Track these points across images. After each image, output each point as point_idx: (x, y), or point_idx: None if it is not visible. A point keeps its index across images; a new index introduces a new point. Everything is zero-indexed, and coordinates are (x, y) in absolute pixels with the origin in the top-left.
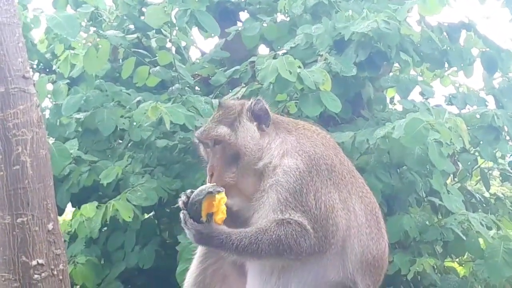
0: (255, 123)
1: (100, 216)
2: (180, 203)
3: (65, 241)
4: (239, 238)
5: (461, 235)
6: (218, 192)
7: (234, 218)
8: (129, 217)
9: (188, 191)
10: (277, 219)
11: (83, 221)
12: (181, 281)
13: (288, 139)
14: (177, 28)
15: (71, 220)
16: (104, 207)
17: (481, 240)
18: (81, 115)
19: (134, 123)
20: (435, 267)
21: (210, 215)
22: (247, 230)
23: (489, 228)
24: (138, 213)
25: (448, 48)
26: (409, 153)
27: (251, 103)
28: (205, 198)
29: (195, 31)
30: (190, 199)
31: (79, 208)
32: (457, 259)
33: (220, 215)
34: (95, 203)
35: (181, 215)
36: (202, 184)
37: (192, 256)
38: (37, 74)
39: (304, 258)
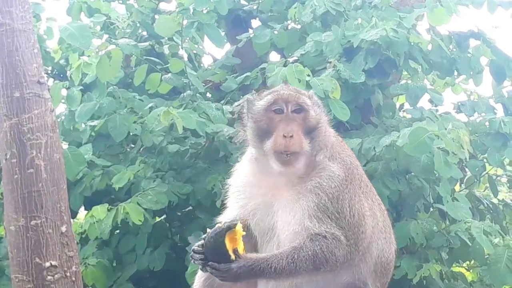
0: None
1: (110, 218)
2: (196, 261)
3: (77, 243)
4: (276, 261)
5: (467, 241)
6: (235, 225)
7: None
8: (139, 220)
9: (195, 247)
10: (311, 233)
11: (94, 223)
12: (191, 282)
13: (334, 142)
14: (188, 38)
15: (81, 220)
16: (115, 210)
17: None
18: (95, 122)
19: (147, 129)
20: (443, 272)
21: (235, 250)
22: (281, 251)
23: (496, 236)
24: (148, 216)
25: (457, 56)
26: (415, 161)
27: (312, 92)
28: (226, 236)
29: (207, 38)
30: (208, 245)
31: None
32: (465, 265)
33: (241, 246)
34: (106, 205)
35: (208, 268)
36: (212, 187)
37: None
38: (51, 80)
39: (338, 268)
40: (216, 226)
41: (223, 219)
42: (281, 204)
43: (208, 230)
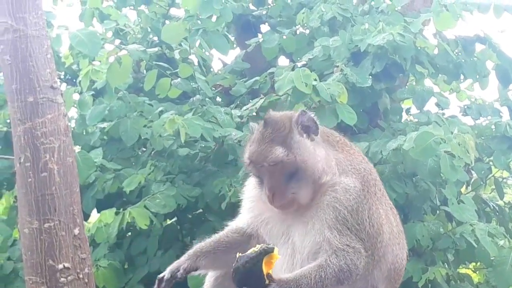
0: (305, 135)
1: (117, 222)
2: None
3: (90, 245)
4: (306, 281)
5: (473, 243)
6: (272, 248)
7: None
8: (145, 224)
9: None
10: (335, 249)
11: (102, 227)
12: (192, 285)
13: (339, 156)
14: (197, 44)
15: (90, 224)
16: (122, 214)
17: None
18: (105, 125)
19: (156, 133)
20: (449, 274)
21: (269, 275)
22: (308, 270)
23: (501, 238)
24: (155, 220)
25: (463, 60)
26: (422, 164)
27: (298, 115)
28: (263, 261)
29: None
30: (241, 270)
31: None
32: (471, 266)
33: (272, 268)
34: (114, 210)
35: None
36: (219, 190)
37: None
38: (64, 85)
39: (357, 279)
40: (251, 250)
41: (235, 224)
42: (297, 215)
43: (238, 254)
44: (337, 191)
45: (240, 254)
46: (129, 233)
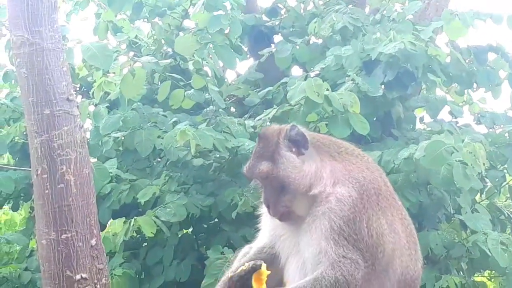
0: (293, 150)
1: (123, 231)
2: None
3: (106, 255)
4: None
5: (487, 251)
6: (260, 265)
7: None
8: (152, 232)
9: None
10: (331, 261)
11: (109, 236)
12: None
13: (336, 166)
14: (210, 56)
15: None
16: (128, 223)
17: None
18: (119, 134)
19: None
20: (462, 283)
21: None
22: (304, 284)
23: None
24: (165, 229)
25: (476, 69)
26: (435, 173)
27: (286, 130)
28: (252, 278)
29: None
30: None
31: None
32: (487, 274)
33: (265, 286)
34: (123, 219)
35: None
36: (231, 200)
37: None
38: (79, 97)
39: None
40: (240, 269)
41: (256, 246)
42: (303, 225)
43: (230, 274)
44: (331, 202)
45: (232, 274)
46: (145, 244)
